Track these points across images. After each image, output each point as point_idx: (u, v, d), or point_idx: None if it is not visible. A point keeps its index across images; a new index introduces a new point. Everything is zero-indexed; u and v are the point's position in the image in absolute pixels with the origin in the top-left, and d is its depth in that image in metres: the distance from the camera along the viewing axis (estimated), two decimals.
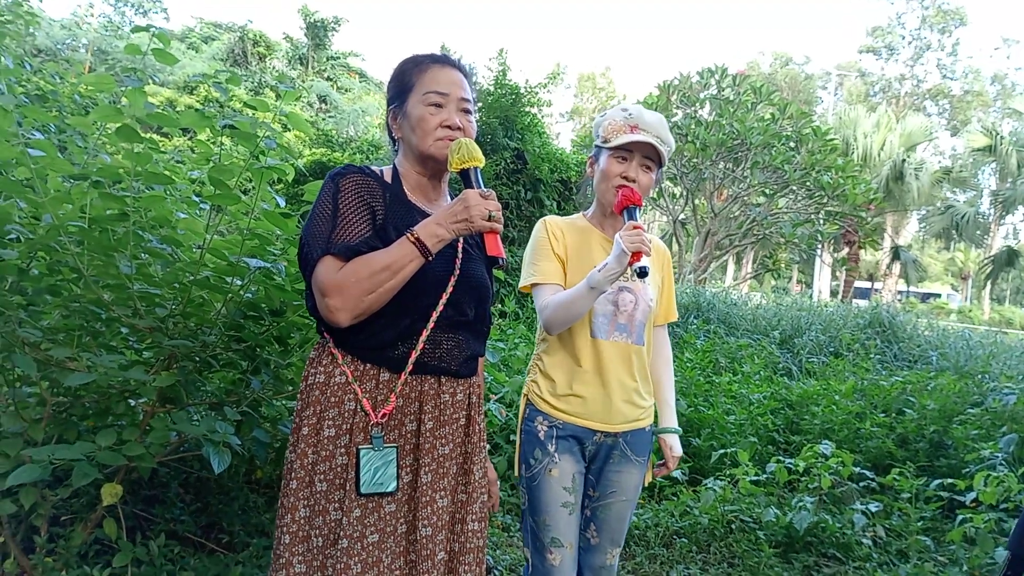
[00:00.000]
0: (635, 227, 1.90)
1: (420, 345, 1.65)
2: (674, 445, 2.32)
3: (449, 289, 1.70)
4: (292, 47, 35.37)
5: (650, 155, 2.13)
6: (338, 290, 1.53)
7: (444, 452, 1.71)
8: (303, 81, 32.53)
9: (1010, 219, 36.57)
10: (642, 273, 1.85)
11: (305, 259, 1.62)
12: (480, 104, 8.89)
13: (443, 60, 1.78)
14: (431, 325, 1.66)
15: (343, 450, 1.62)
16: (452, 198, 1.81)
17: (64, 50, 28.92)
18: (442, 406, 1.71)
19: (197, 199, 2.59)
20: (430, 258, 1.57)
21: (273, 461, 2.96)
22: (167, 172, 2.48)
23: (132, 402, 2.43)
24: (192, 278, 2.24)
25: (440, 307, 1.68)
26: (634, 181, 2.10)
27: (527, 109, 8.70)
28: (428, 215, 1.68)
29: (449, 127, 1.70)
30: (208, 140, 2.71)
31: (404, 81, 1.76)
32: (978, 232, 27.52)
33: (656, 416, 2.34)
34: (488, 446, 2.08)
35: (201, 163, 2.77)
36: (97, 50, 29.49)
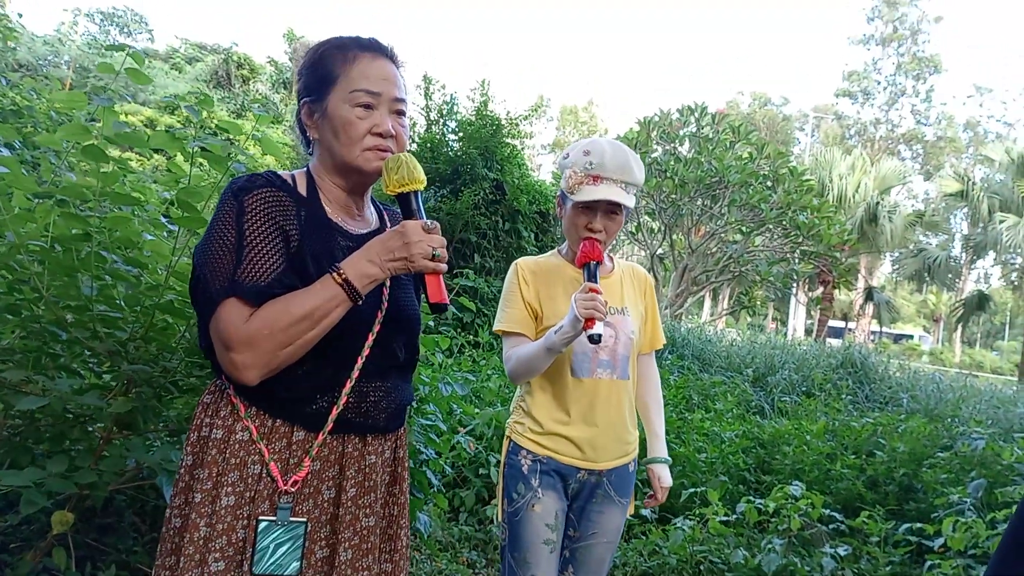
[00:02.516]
0: (591, 289, 1.85)
1: (343, 399, 1.39)
2: (663, 476, 2.28)
3: (376, 328, 1.44)
4: (276, 70, 35.44)
5: (614, 209, 2.05)
6: (247, 345, 1.26)
7: (368, 524, 1.45)
8: (286, 105, 32.58)
9: (981, 263, 37.18)
10: (593, 340, 1.82)
11: (202, 295, 1.33)
12: (460, 134, 8.92)
13: (374, 47, 1.47)
14: (355, 374, 1.40)
15: (245, 522, 1.34)
16: (376, 211, 1.63)
17: (46, 66, 28.77)
18: (367, 469, 1.45)
19: (165, 220, 2.55)
20: (360, 302, 1.33)
21: None
22: (135, 192, 2.44)
23: (90, 427, 2.36)
24: (155, 301, 2.19)
25: (366, 351, 1.42)
26: (600, 231, 2.04)
27: (507, 140, 8.76)
28: (352, 237, 1.46)
29: (381, 135, 1.42)
30: (184, 160, 2.68)
31: (325, 71, 1.44)
32: (950, 275, 27.96)
33: (644, 446, 2.30)
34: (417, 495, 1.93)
35: (172, 184, 2.73)
36: (79, 67, 29.37)
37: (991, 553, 3.61)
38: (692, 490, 4.28)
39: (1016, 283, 26.92)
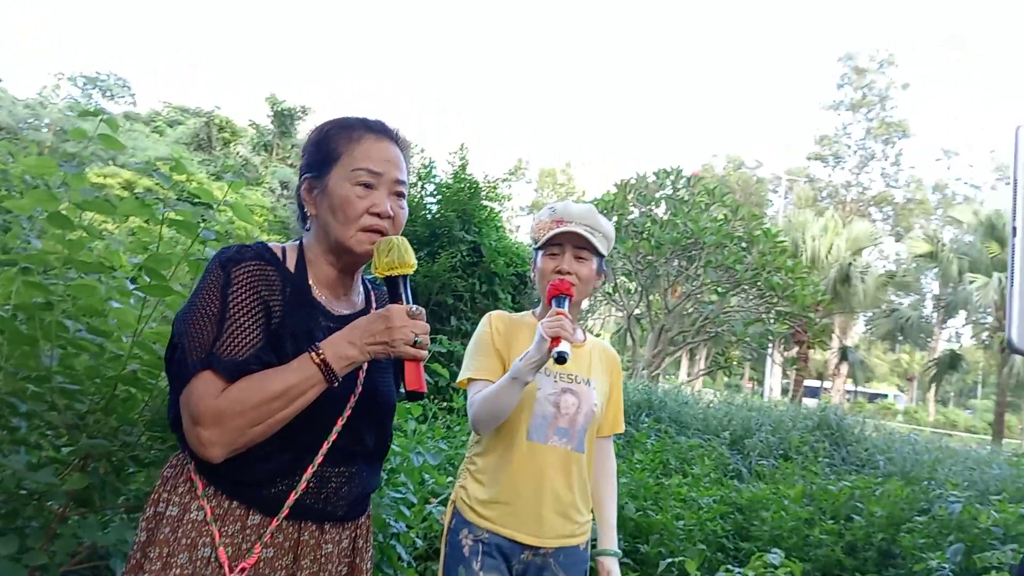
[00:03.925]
0: (558, 312, 1.84)
1: (303, 484, 1.34)
2: (612, 570, 2.17)
3: (347, 413, 1.39)
4: (257, 133, 35.79)
5: (581, 244, 2.07)
6: (216, 420, 1.23)
7: None
8: (267, 167, 32.78)
9: (952, 323, 37.70)
10: (560, 359, 1.77)
11: (177, 364, 1.30)
12: (438, 196, 8.99)
13: (380, 130, 1.48)
14: (319, 459, 1.35)
15: None
16: (365, 292, 1.61)
17: (25, 129, 28.85)
18: (323, 559, 1.40)
19: (132, 287, 2.51)
20: (336, 384, 1.30)
21: None
22: (102, 259, 2.41)
23: (46, 503, 2.28)
24: (119, 372, 2.14)
25: (334, 436, 1.37)
26: (569, 273, 2.05)
27: (485, 203, 8.83)
28: (334, 317, 1.43)
29: (378, 215, 1.41)
30: (156, 225, 2.66)
31: (328, 149, 1.45)
32: (922, 335, 28.34)
33: (594, 536, 2.21)
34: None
35: (140, 250, 2.70)
36: (59, 130, 29.48)
37: None
38: (670, 560, 4.20)
39: (987, 342, 27.26)
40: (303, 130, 37.71)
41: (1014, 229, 0.86)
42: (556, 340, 1.79)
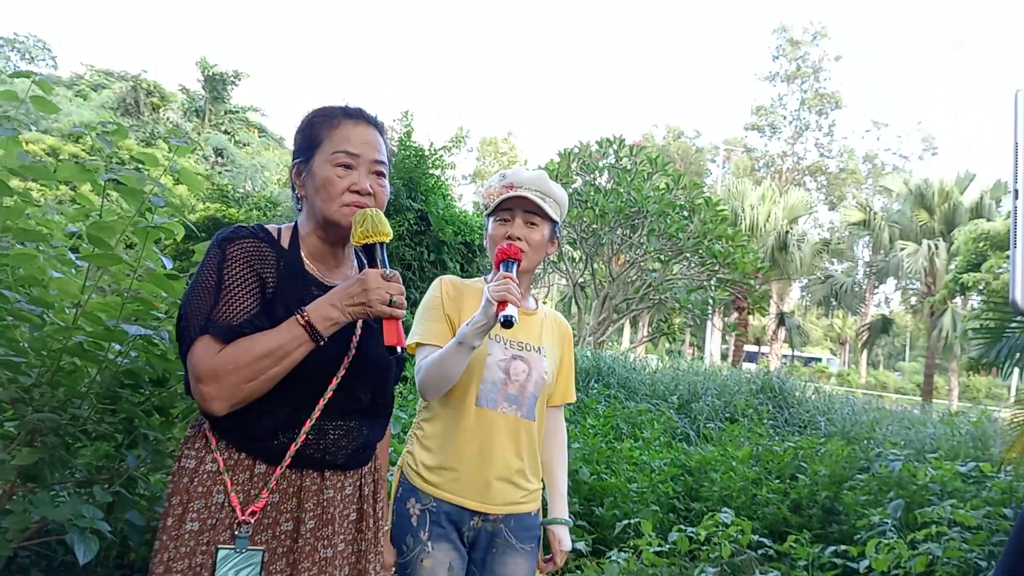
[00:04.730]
0: (505, 276, 1.81)
1: (302, 436, 1.48)
2: (563, 538, 2.18)
3: (341, 372, 1.53)
4: (188, 99, 34.64)
5: (532, 209, 2.04)
6: (213, 377, 1.37)
7: (326, 555, 1.52)
8: (199, 133, 31.77)
9: (882, 288, 39.07)
10: (506, 323, 1.74)
11: (182, 335, 1.46)
12: None
13: (357, 115, 1.63)
14: (316, 414, 1.50)
15: (204, 548, 1.43)
16: (359, 265, 1.70)
17: None
18: (325, 503, 1.53)
19: (74, 256, 2.39)
20: (321, 343, 1.43)
21: (148, 543, 2.70)
22: (41, 227, 2.29)
23: None
24: (63, 343, 2.04)
25: (329, 393, 1.51)
26: (519, 239, 2.02)
27: (431, 171, 8.73)
28: (325, 287, 1.55)
29: (358, 192, 1.55)
30: (91, 192, 2.53)
31: (312, 135, 1.60)
32: (855, 300, 29.19)
33: (545, 505, 2.20)
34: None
35: (80, 218, 2.57)
36: None
37: (913, 573, 3.71)
38: (625, 521, 4.27)
39: (916, 307, 28.35)
40: (236, 96, 36.65)
41: (1016, 191, 0.86)
42: (503, 304, 1.75)
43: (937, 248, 23.33)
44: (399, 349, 1.45)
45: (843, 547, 4.04)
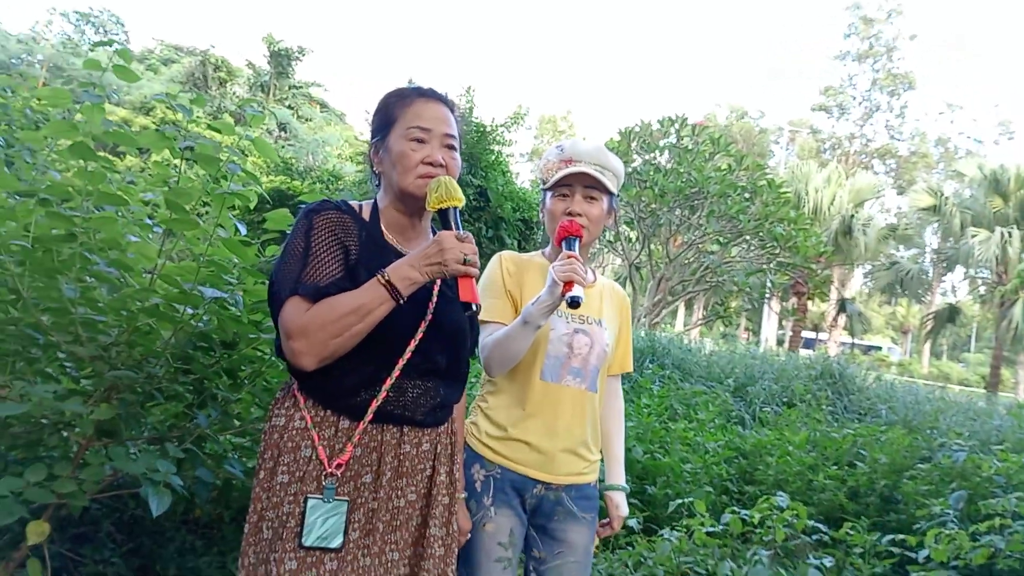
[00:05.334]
0: (569, 256, 1.83)
1: (383, 393, 1.58)
2: (620, 504, 2.21)
3: (419, 335, 1.63)
4: (254, 74, 35.25)
5: (592, 184, 2.05)
6: (302, 333, 1.47)
7: (399, 505, 1.63)
8: (263, 108, 32.35)
9: (950, 277, 37.78)
10: (573, 303, 1.76)
11: (273, 299, 1.56)
12: None
13: (428, 94, 1.73)
14: (396, 373, 1.59)
15: (292, 498, 1.54)
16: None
17: (19, 64, 28.34)
18: (402, 457, 1.64)
19: (150, 222, 2.47)
20: (401, 301, 1.52)
21: (214, 501, 2.81)
22: (120, 193, 2.37)
23: (65, 434, 2.28)
24: (140, 305, 2.12)
25: (407, 354, 1.60)
26: (580, 215, 2.03)
27: (492, 147, 8.73)
28: (404, 256, 1.61)
29: (431, 164, 1.64)
30: (164, 162, 2.61)
31: (387, 114, 1.71)
32: (920, 288, 28.29)
33: (603, 472, 2.23)
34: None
35: (156, 184, 2.65)
36: (53, 66, 28.99)
37: (974, 565, 3.62)
38: (678, 501, 4.26)
39: (984, 296, 27.33)
40: (300, 71, 37.15)
41: None
42: (569, 284, 1.77)
43: (1011, 236, 22.40)
44: (474, 306, 1.52)
45: (901, 536, 3.96)
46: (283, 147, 27.14)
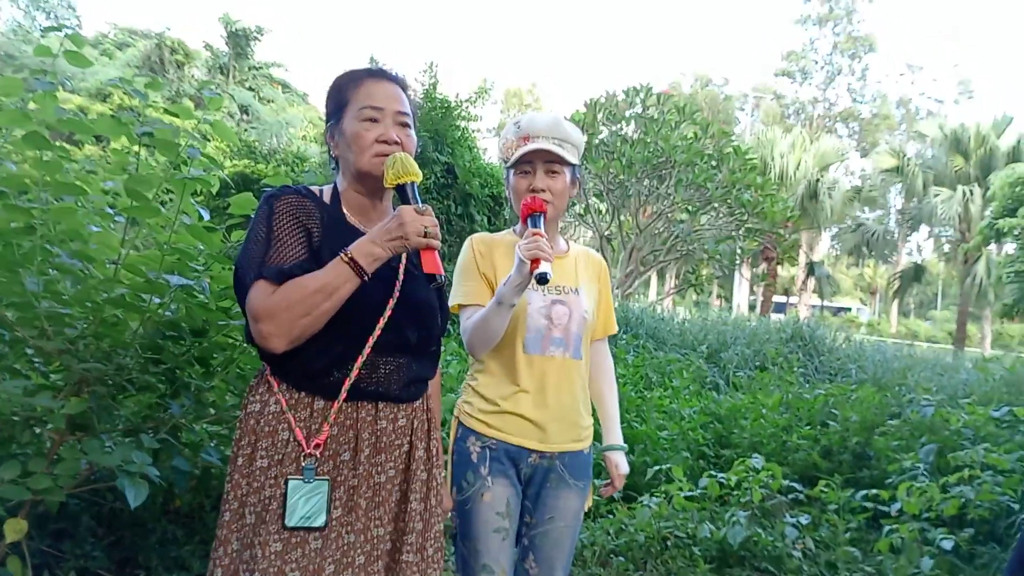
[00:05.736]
0: (534, 233, 1.83)
1: (355, 371, 1.59)
2: (620, 463, 2.23)
3: (387, 312, 1.63)
4: (212, 56, 34.52)
5: (552, 159, 2.05)
6: (269, 315, 1.48)
7: (380, 481, 1.64)
8: (223, 91, 31.72)
9: (915, 236, 38.38)
10: (541, 279, 1.77)
11: (239, 284, 1.57)
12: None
13: (378, 74, 1.75)
14: (367, 351, 1.60)
15: (273, 481, 1.55)
16: None
17: None
18: (379, 432, 1.64)
19: (112, 211, 2.42)
20: (366, 278, 1.52)
21: (193, 490, 2.79)
22: (79, 182, 2.32)
23: (38, 430, 2.25)
24: (106, 296, 2.08)
25: (377, 332, 1.61)
26: (543, 190, 2.03)
27: (457, 123, 8.66)
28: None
29: (385, 142, 1.65)
30: (123, 149, 2.55)
31: (339, 97, 1.72)
32: (886, 249, 28.79)
33: (598, 434, 2.26)
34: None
35: (116, 173, 2.59)
36: (3, 54, 28.16)
37: (945, 516, 3.72)
38: (656, 468, 4.32)
39: (949, 254, 27.85)
40: (260, 52, 36.45)
41: None
42: (536, 262, 1.78)
43: (972, 194, 22.84)
44: (439, 277, 1.53)
45: (874, 491, 4.06)
46: (246, 130, 26.69)
